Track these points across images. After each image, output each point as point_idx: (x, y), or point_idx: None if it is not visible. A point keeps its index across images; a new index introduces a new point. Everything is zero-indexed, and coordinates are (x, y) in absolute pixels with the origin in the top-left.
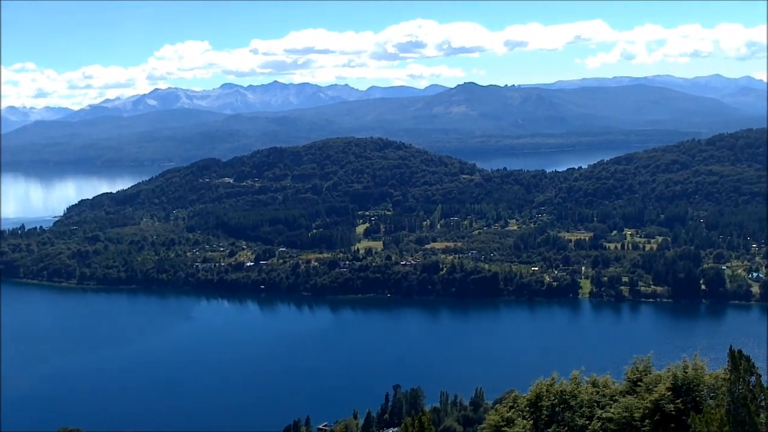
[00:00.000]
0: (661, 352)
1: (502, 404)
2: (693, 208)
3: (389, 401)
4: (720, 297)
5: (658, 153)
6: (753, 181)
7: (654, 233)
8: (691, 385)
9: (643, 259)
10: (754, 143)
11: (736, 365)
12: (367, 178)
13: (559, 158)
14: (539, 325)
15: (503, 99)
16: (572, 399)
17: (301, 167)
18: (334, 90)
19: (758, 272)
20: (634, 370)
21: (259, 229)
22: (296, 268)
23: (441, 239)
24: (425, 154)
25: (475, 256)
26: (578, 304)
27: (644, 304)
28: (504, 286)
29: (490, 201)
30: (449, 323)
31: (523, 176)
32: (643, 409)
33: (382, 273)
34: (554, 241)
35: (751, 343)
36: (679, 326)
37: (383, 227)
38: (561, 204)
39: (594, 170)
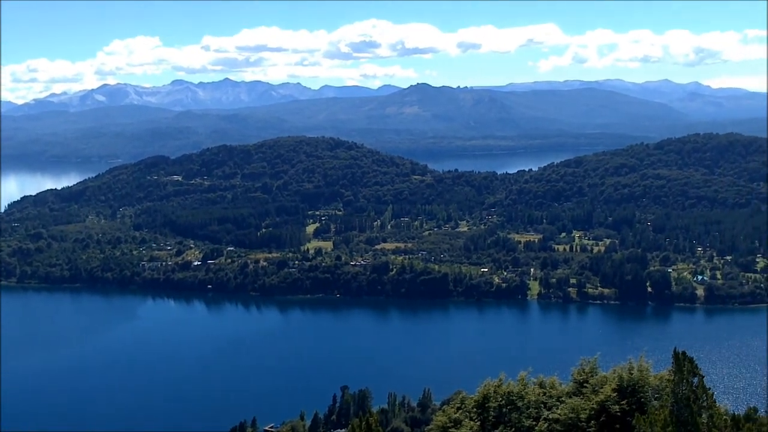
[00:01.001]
0: (608, 353)
1: (450, 405)
2: (641, 212)
3: (337, 402)
4: (666, 299)
5: (608, 156)
6: (699, 185)
7: (602, 236)
8: (636, 387)
9: (591, 262)
10: (701, 148)
11: (680, 367)
12: (318, 178)
13: (510, 160)
14: (488, 326)
15: (456, 100)
16: (519, 400)
17: (251, 166)
18: (286, 88)
19: (703, 275)
20: (581, 371)
21: (207, 228)
22: (245, 268)
23: (391, 240)
24: (377, 154)
25: (425, 256)
26: (527, 306)
27: (592, 306)
28: (453, 287)
29: (441, 202)
30: (398, 324)
31: (474, 178)
32: (589, 410)
33: (331, 273)
34: (504, 243)
35: (695, 345)
36: (625, 328)
37: (333, 227)
38: (511, 206)
39: (544, 173)
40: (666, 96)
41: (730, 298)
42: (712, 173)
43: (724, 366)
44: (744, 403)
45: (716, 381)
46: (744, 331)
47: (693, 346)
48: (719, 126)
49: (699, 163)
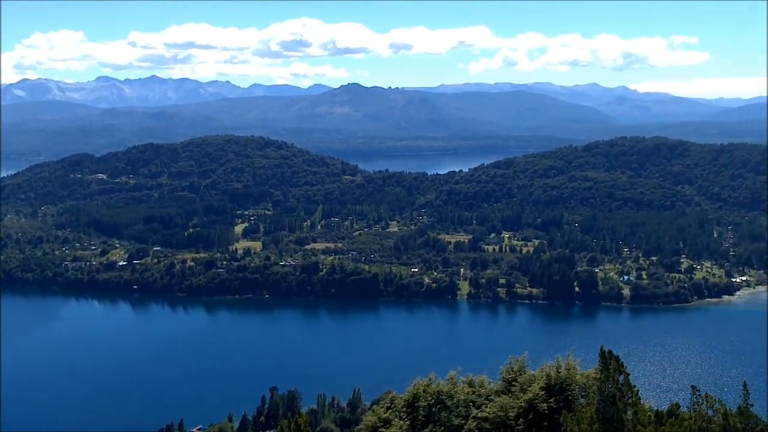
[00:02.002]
0: (536, 352)
1: (380, 405)
2: (568, 213)
3: (265, 403)
4: (593, 299)
5: (537, 158)
6: (626, 187)
7: (531, 236)
8: (563, 385)
9: (520, 262)
10: (628, 151)
11: (606, 365)
12: (247, 177)
13: (441, 161)
14: (418, 326)
15: (387, 101)
16: (449, 399)
17: (178, 164)
18: (214, 86)
19: (629, 275)
20: (509, 370)
21: (133, 228)
22: (171, 268)
23: (321, 240)
24: (307, 154)
25: (355, 257)
26: (457, 306)
27: (520, 306)
28: (384, 287)
29: (372, 202)
30: (328, 324)
31: (404, 178)
32: (517, 409)
33: (260, 273)
34: (434, 243)
35: (621, 344)
36: (553, 327)
37: (263, 227)
38: (441, 206)
39: (474, 174)
40: (594, 99)
41: (655, 298)
42: (638, 176)
43: (649, 364)
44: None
45: (641, 378)
46: (668, 330)
47: (619, 345)
48: (645, 130)
49: (626, 165)
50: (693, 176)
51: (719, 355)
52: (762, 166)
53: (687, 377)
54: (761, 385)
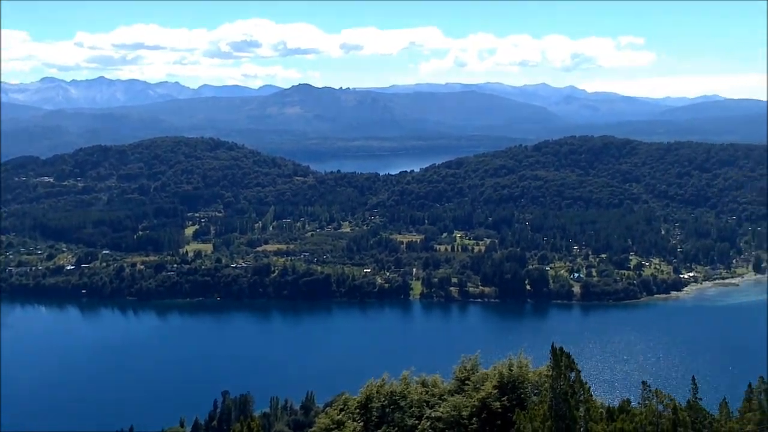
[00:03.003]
0: (488, 351)
1: (333, 407)
2: (519, 212)
3: (218, 408)
4: (544, 297)
5: (488, 158)
6: (575, 186)
7: (482, 235)
8: (516, 383)
9: (472, 261)
10: (577, 150)
11: (557, 362)
12: (197, 179)
13: (393, 161)
14: (371, 327)
15: (338, 101)
16: (402, 399)
17: (127, 167)
18: (164, 87)
19: (579, 273)
20: (462, 369)
21: (81, 231)
22: (121, 272)
23: (273, 241)
24: (258, 155)
25: (307, 258)
26: (409, 305)
27: (473, 305)
28: (336, 288)
29: (324, 203)
30: (281, 327)
31: (356, 179)
32: (470, 408)
33: (211, 276)
34: (386, 243)
35: (572, 341)
36: (505, 325)
37: (213, 229)
38: (393, 206)
39: (426, 174)
40: (544, 99)
41: (605, 295)
42: (587, 174)
43: (600, 360)
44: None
45: (592, 375)
46: (618, 327)
47: (570, 342)
48: (594, 129)
49: (575, 164)
50: (641, 174)
51: (668, 351)
52: (707, 164)
53: (637, 373)
54: (710, 379)
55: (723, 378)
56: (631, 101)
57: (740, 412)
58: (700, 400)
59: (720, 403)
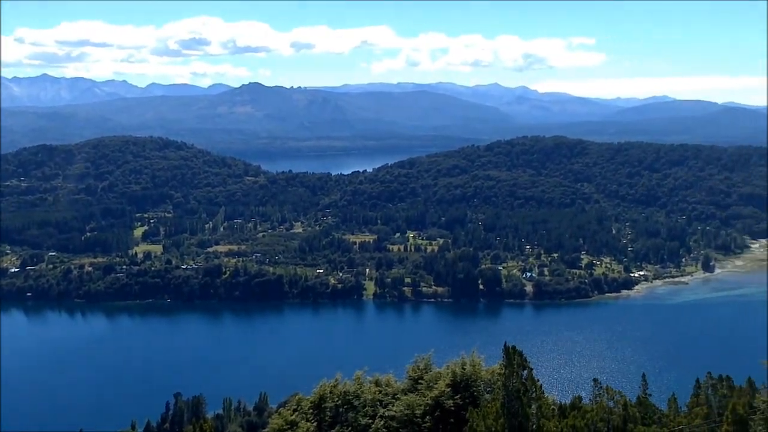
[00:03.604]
0: (441, 350)
1: (286, 407)
2: (472, 211)
3: (170, 410)
4: (497, 296)
5: (440, 158)
6: (527, 186)
7: (435, 235)
8: (469, 381)
9: (425, 261)
10: (528, 150)
11: (510, 360)
12: (146, 179)
13: (345, 161)
14: (324, 327)
15: (289, 100)
16: (355, 399)
17: (74, 167)
18: (111, 86)
19: (532, 272)
20: (416, 368)
21: (26, 233)
22: (68, 274)
23: (224, 242)
24: (208, 154)
25: (259, 259)
26: (362, 306)
27: (426, 304)
28: (289, 288)
29: (275, 203)
30: (233, 328)
31: (308, 179)
32: (424, 406)
33: (161, 278)
34: (339, 244)
35: (524, 339)
36: (458, 325)
37: (163, 230)
38: (346, 207)
39: (378, 174)
40: (496, 99)
41: (557, 294)
42: (539, 174)
43: (552, 358)
44: (570, 393)
45: (545, 373)
46: (570, 325)
47: (523, 341)
48: (546, 129)
49: (527, 164)
50: (592, 174)
51: (619, 348)
52: (657, 164)
53: (589, 370)
54: (659, 375)
55: (672, 374)
56: (583, 102)
57: (688, 407)
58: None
59: (669, 399)
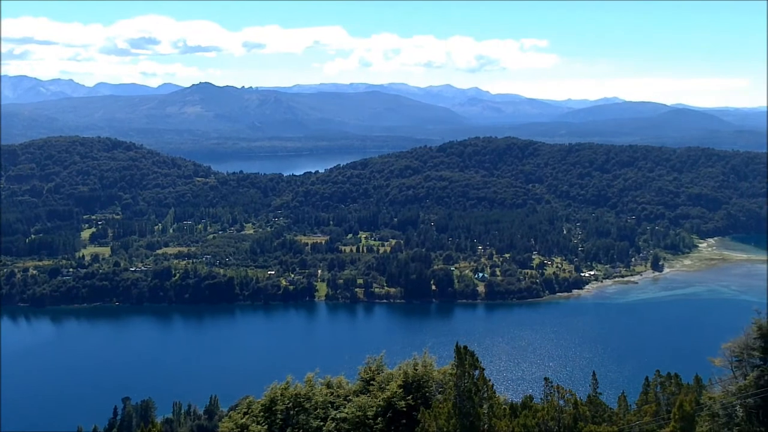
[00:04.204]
0: (394, 351)
1: (236, 411)
2: (424, 212)
3: (117, 415)
4: (449, 296)
5: (393, 158)
6: (479, 186)
7: (388, 236)
8: (421, 382)
9: (378, 262)
10: (481, 151)
11: (461, 361)
12: (93, 180)
13: (297, 162)
14: (276, 330)
15: (240, 100)
16: (307, 401)
17: (17, 167)
18: (57, 85)
19: (484, 273)
20: (367, 369)
21: None
22: (11, 277)
23: (174, 244)
24: (157, 155)
25: (209, 260)
26: (315, 307)
27: (378, 305)
28: (240, 291)
29: (226, 204)
30: (183, 331)
31: (259, 180)
32: (376, 408)
33: (109, 280)
34: (291, 245)
35: (476, 340)
36: (411, 325)
37: (111, 232)
38: (298, 208)
39: (331, 174)
40: (448, 100)
41: (508, 294)
42: (491, 175)
43: (504, 358)
44: (521, 392)
45: (496, 373)
46: (521, 325)
47: (474, 341)
48: (498, 130)
49: (479, 165)
50: (543, 175)
51: (570, 347)
52: (607, 164)
53: (540, 369)
54: (609, 374)
55: (622, 373)
56: (535, 103)
57: (638, 404)
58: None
59: (619, 397)
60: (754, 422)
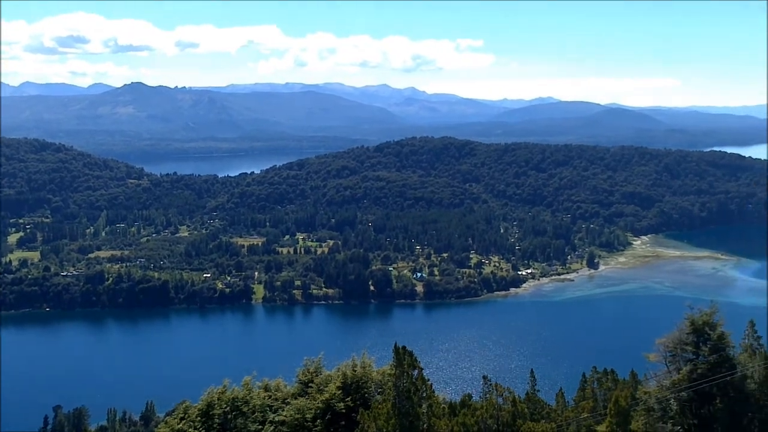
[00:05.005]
0: (332, 352)
1: (173, 416)
2: (362, 212)
3: (48, 424)
4: (387, 297)
5: (329, 159)
6: (417, 186)
7: (325, 237)
8: (359, 383)
9: (315, 263)
10: (418, 151)
11: (400, 361)
12: (20, 183)
13: (232, 163)
14: (212, 333)
15: (173, 101)
16: (244, 405)
17: None
18: None
19: (422, 272)
20: (306, 371)
21: None
22: None
23: (106, 247)
24: (88, 157)
25: (143, 264)
26: (252, 310)
27: (316, 307)
28: (175, 294)
29: (160, 206)
30: (117, 336)
31: (194, 181)
32: (314, 410)
33: (39, 286)
34: (227, 247)
35: (415, 340)
36: (349, 326)
37: (40, 236)
38: (234, 209)
39: (267, 175)
40: (385, 100)
41: (447, 293)
42: (428, 175)
43: (443, 357)
44: (460, 391)
45: (435, 372)
46: (460, 324)
47: (413, 341)
48: (434, 130)
49: (416, 165)
50: (480, 174)
51: (508, 345)
52: (543, 164)
53: (479, 368)
54: (547, 371)
55: (560, 370)
56: (471, 103)
57: (575, 401)
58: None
59: (557, 394)
60: (688, 415)
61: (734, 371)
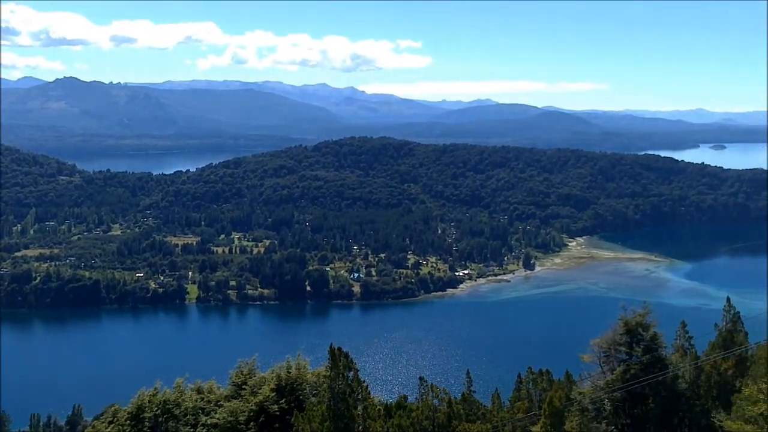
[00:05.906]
0: (267, 354)
1: (101, 420)
2: (299, 212)
3: None
4: (324, 297)
5: (267, 158)
6: (355, 186)
7: (261, 237)
8: (294, 385)
9: (251, 263)
10: (356, 151)
11: (336, 362)
12: None
13: (167, 160)
14: (144, 334)
15: (108, 96)
16: (176, 408)
17: None
18: None
19: (359, 273)
20: (239, 373)
21: None
22: None
23: (34, 246)
24: (17, 152)
25: (74, 263)
26: (185, 310)
27: (252, 307)
28: (106, 294)
29: (92, 204)
30: (45, 338)
31: (128, 178)
32: (248, 412)
33: None
34: (160, 246)
35: (351, 341)
36: (285, 327)
37: None
38: (168, 207)
39: (202, 174)
40: (324, 99)
41: (384, 294)
42: (366, 175)
43: (379, 358)
44: (396, 393)
45: (371, 374)
46: (397, 325)
47: (349, 342)
48: (373, 130)
49: (354, 165)
50: (418, 175)
51: (445, 346)
52: (481, 165)
53: (415, 369)
54: (483, 372)
55: (496, 370)
56: (409, 104)
57: (511, 401)
58: (473, 393)
59: (492, 395)
60: (621, 415)
61: (666, 371)
